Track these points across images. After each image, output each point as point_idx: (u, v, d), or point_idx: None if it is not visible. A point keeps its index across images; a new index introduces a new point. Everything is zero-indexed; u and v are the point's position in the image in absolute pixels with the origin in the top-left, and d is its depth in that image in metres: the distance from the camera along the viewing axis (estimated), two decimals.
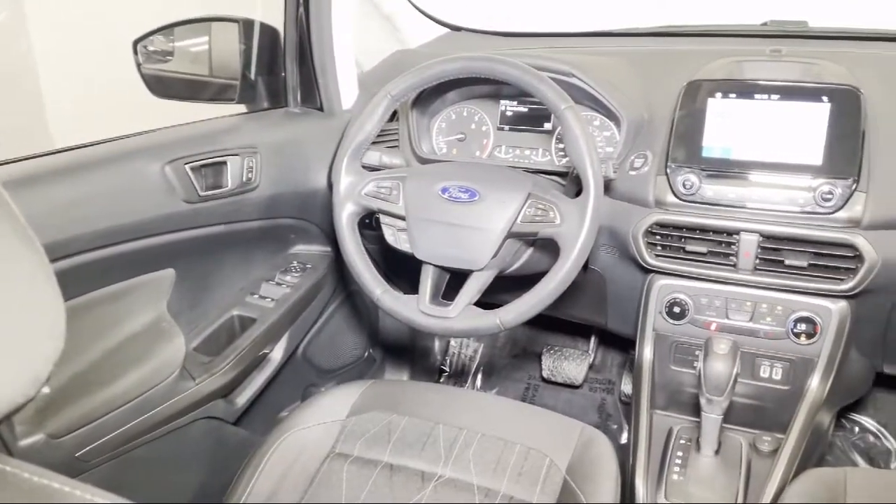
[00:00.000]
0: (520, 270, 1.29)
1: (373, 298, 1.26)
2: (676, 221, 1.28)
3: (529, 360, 2.21)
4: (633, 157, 1.33)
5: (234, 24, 1.53)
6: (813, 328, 1.27)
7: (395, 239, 1.30)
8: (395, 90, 1.25)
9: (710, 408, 1.20)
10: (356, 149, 1.27)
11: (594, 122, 1.45)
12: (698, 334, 1.35)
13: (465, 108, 1.58)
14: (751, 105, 1.24)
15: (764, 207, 1.22)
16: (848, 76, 1.24)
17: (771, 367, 1.33)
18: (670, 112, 1.31)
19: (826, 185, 1.18)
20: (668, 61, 1.49)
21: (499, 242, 1.17)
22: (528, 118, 1.52)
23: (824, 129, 1.19)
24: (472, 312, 1.19)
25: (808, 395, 1.30)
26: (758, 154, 1.23)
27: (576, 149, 1.12)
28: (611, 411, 2.06)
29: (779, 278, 1.25)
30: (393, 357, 2.13)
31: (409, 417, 1.25)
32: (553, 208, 1.14)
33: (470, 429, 1.22)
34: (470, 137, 1.57)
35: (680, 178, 1.26)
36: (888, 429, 1.85)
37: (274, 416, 1.70)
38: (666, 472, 1.26)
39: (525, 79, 1.16)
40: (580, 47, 1.67)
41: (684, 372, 1.39)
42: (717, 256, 1.28)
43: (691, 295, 1.34)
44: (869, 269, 1.18)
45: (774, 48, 1.42)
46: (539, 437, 1.21)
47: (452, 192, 1.20)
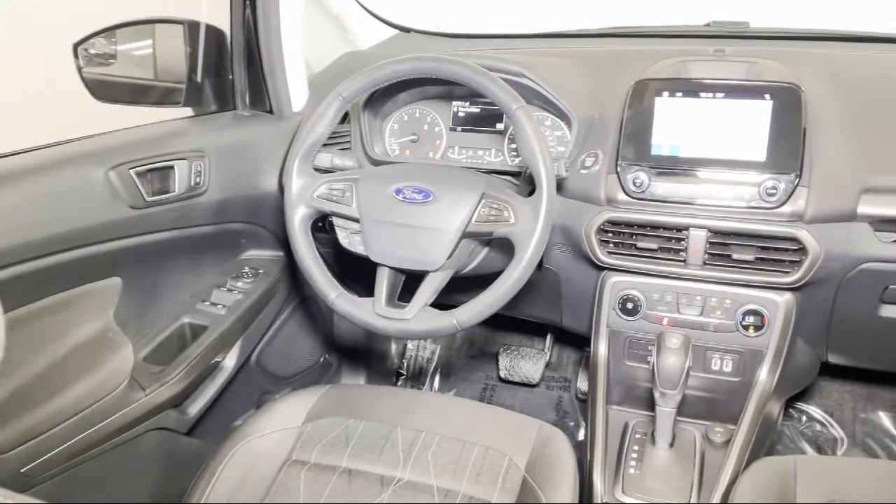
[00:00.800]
0: (475, 270, 1.30)
1: (327, 302, 1.25)
2: (627, 219, 1.30)
3: (486, 360, 2.21)
4: (584, 156, 1.35)
5: (179, 25, 1.50)
6: (761, 320, 1.30)
7: (350, 241, 1.29)
8: (347, 91, 1.24)
9: (663, 401, 1.22)
10: (307, 151, 1.26)
11: (545, 121, 1.46)
12: (651, 329, 1.37)
13: (417, 109, 1.57)
14: (697, 103, 1.27)
15: (711, 203, 1.25)
16: (789, 74, 1.28)
17: (721, 360, 1.36)
18: (619, 111, 1.33)
19: (770, 180, 1.21)
20: (616, 62, 1.51)
21: (454, 243, 1.16)
22: (480, 119, 1.53)
23: (767, 126, 1.23)
24: (428, 314, 1.19)
25: (757, 386, 1.34)
26: (704, 151, 1.26)
27: (528, 148, 1.13)
28: (567, 409, 2.08)
29: (727, 272, 1.28)
30: (349, 361, 2.11)
31: (367, 422, 1.24)
32: (507, 208, 1.15)
33: (428, 431, 1.22)
34: (423, 138, 1.57)
35: (630, 176, 1.28)
36: (834, 417, 1.92)
37: (228, 425, 1.67)
38: (623, 467, 1.28)
39: (476, 79, 1.16)
40: (529, 48, 1.69)
41: (638, 367, 1.41)
42: (668, 252, 1.30)
43: (643, 291, 1.36)
44: (812, 262, 1.21)
45: (718, 48, 1.45)
46: (497, 436, 1.21)
47: (406, 194, 1.20)
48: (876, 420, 1.89)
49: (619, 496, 1.24)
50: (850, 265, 1.24)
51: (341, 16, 1.77)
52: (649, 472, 1.26)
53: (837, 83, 1.32)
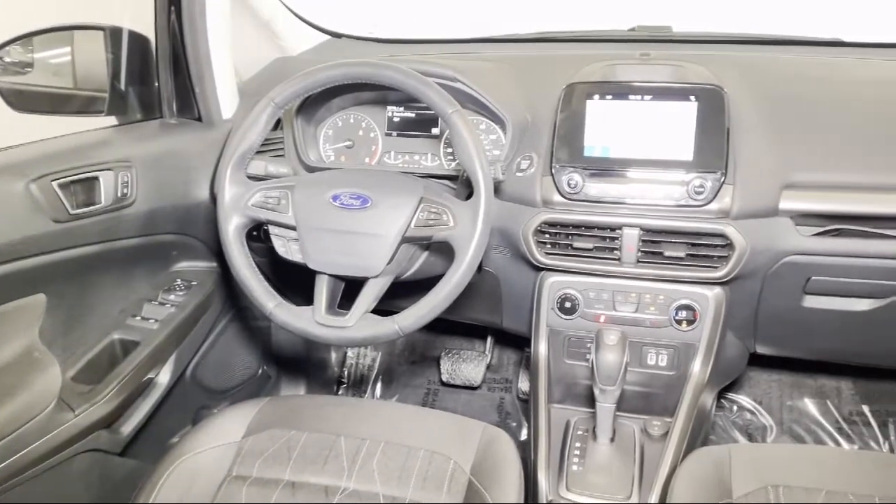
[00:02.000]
0: (416, 275, 1.29)
1: (265, 313, 1.22)
2: (563, 220, 1.32)
3: (428, 364, 2.21)
4: (519, 159, 1.37)
5: (100, 32, 1.45)
6: (693, 315, 1.35)
7: (287, 250, 1.26)
8: (279, 97, 1.22)
9: (603, 397, 1.25)
10: (240, 159, 1.23)
11: (480, 125, 1.47)
12: (589, 327, 1.39)
13: (351, 114, 1.56)
14: (626, 106, 1.30)
15: (643, 203, 1.29)
16: (711, 77, 1.32)
17: (657, 355, 1.40)
18: (552, 114, 1.35)
19: (697, 179, 1.25)
20: (547, 66, 1.54)
21: (393, 248, 1.16)
22: (415, 123, 1.53)
23: (693, 127, 1.27)
24: (369, 320, 1.18)
25: (691, 379, 1.38)
26: (635, 152, 1.29)
27: (465, 152, 1.14)
28: (509, 409, 2.09)
29: (660, 269, 1.32)
30: (288, 372, 2.07)
31: (309, 433, 1.22)
32: (446, 211, 1.15)
33: (372, 439, 1.21)
34: (358, 144, 1.56)
35: (564, 178, 1.30)
36: (763, 405, 2.00)
37: (164, 443, 1.62)
38: (566, 464, 1.29)
39: (411, 84, 1.16)
40: (461, 53, 1.70)
41: (578, 365, 1.43)
42: (603, 251, 1.33)
43: (580, 290, 1.38)
44: (739, 257, 1.26)
45: (644, 52, 1.49)
46: (442, 440, 1.21)
47: (344, 200, 1.19)
48: (802, 407, 1.98)
49: (564, 493, 1.26)
50: (774, 259, 1.30)
51: (271, 21, 1.74)
52: (592, 468, 1.28)
53: (757, 84, 1.37)
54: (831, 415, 1.95)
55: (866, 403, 1.95)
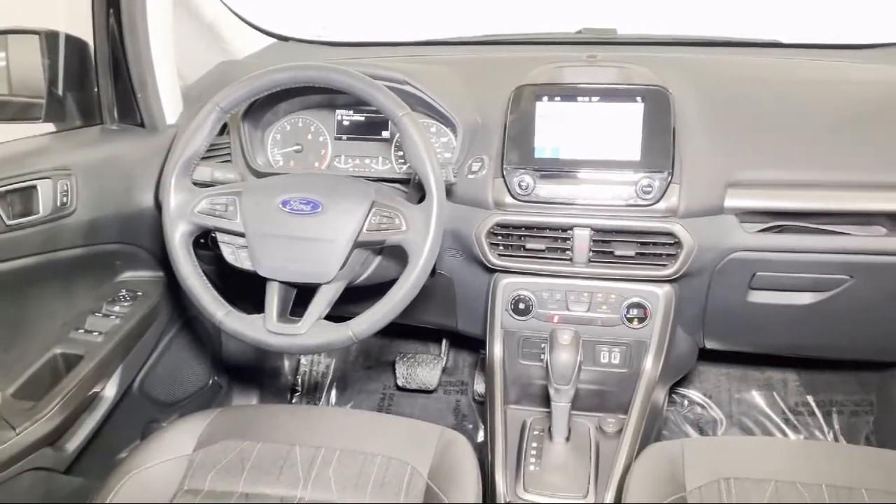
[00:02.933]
0: (369, 280, 1.28)
1: (215, 322, 1.20)
2: (515, 221, 1.33)
3: (383, 369, 2.20)
4: (470, 162, 1.37)
5: (35, 36, 1.40)
6: (643, 313, 1.37)
7: (236, 257, 1.24)
8: (224, 102, 1.20)
9: (558, 397, 1.25)
10: (185, 165, 1.20)
11: (431, 128, 1.47)
12: (543, 328, 1.40)
13: (299, 118, 1.54)
14: (574, 107, 1.32)
15: (593, 203, 1.30)
16: (656, 78, 1.35)
17: (610, 353, 1.42)
18: (502, 116, 1.36)
19: (645, 178, 1.27)
20: (496, 68, 1.54)
21: (346, 253, 1.15)
22: (365, 127, 1.52)
23: (640, 128, 1.29)
24: (323, 327, 1.16)
25: (643, 376, 1.40)
26: (584, 153, 1.31)
27: (416, 155, 1.13)
28: (466, 412, 2.10)
29: (611, 268, 1.33)
30: (240, 382, 2.03)
31: (263, 443, 1.20)
32: (398, 215, 1.14)
33: (328, 447, 1.19)
34: (307, 148, 1.54)
35: (516, 180, 1.31)
36: (713, 399, 2.04)
37: (111, 458, 1.57)
38: (523, 465, 1.30)
39: (360, 87, 1.15)
40: (409, 56, 1.70)
41: (532, 365, 1.44)
42: (555, 252, 1.34)
43: (534, 291, 1.39)
44: (687, 254, 1.29)
45: (590, 54, 1.51)
46: (398, 445, 1.20)
47: (294, 205, 1.17)
48: (750, 399, 2.03)
49: (522, 494, 1.26)
50: (720, 255, 1.33)
51: (215, 24, 1.71)
52: (548, 468, 1.29)
53: (700, 85, 1.40)
54: (778, 406, 2.01)
55: (811, 394, 2.01)
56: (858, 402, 1.96)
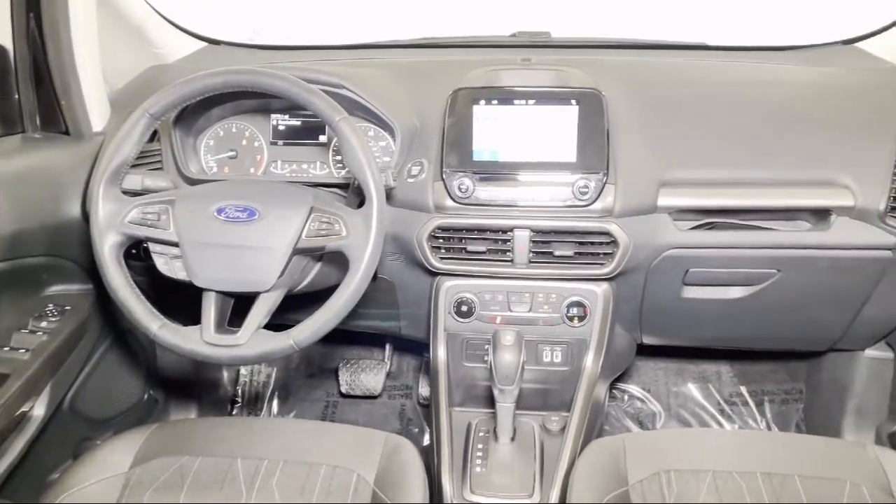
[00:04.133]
0: (310, 287, 1.27)
1: (149, 335, 1.16)
2: (456, 224, 1.33)
3: (326, 377, 2.17)
4: (409, 165, 1.37)
5: None
6: (583, 311, 1.39)
7: (170, 268, 1.20)
8: (154, 108, 1.16)
9: (502, 397, 1.26)
10: (114, 173, 1.17)
11: (369, 132, 1.46)
12: (486, 329, 1.41)
13: (233, 124, 1.51)
14: (511, 110, 1.33)
15: (532, 204, 1.32)
16: (590, 80, 1.37)
17: (552, 352, 1.44)
18: (440, 120, 1.36)
19: (582, 180, 1.29)
20: (431, 71, 1.55)
21: (285, 260, 1.13)
22: (301, 131, 1.49)
23: (575, 130, 1.31)
24: (263, 336, 1.14)
25: (585, 373, 1.42)
26: (522, 155, 1.32)
27: (354, 159, 1.12)
28: (411, 416, 2.09)
29: (551, 268, 1.35)
30: (177, 395, 1.98)
31: (203, 457, 1.17)
32: (338, 220, 1.13)
33: (270, 458, 1.17)
34: (242, 154, 1.51)
35: (455, 183, 1.31)
36: (651, 393, 2.09)
37: (43, 480, 1.50)
38: (469, 466, 1.30)
39: (295, 91, 1.14)
40: (344, 60, 1.68)
41: (476, 367, 1.45)
42: (496, 254, 1.35)
43: (476, 293, 1.40)
44: (623, 253, 1.31)
45: (525, 57, 1.53)
46: (343, 453, 1.19)
47: (229, 213, 1.14)
48: (686, 392, 2.09)
49: (468, 496, 1.26)
50: (655, 253, 1.36)
51: (143, 28, 1.66)
52: (494, 469, 1.30)
53: (632, 87, 1.44)
54: (713, 397, 2.07)
55: (744, 385, 2.08)
56: (788, 390, 2.05)
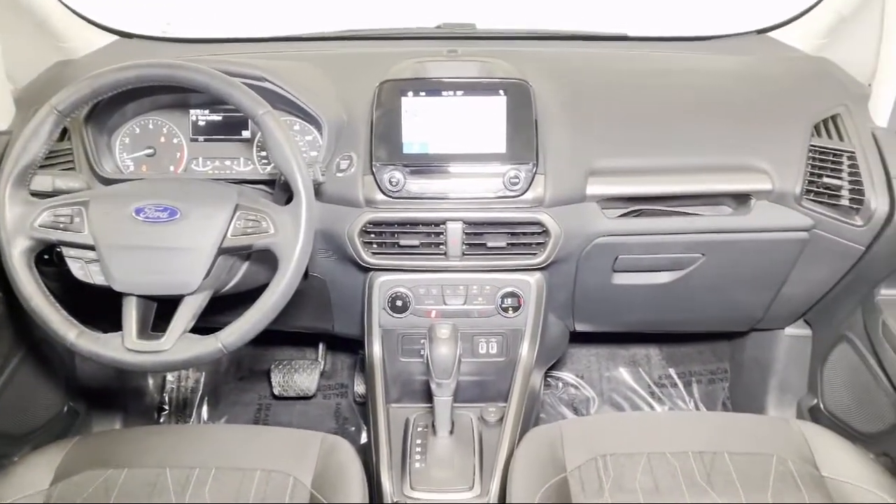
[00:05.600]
0: (238, 287, 1.23)
1: (66, 344, 1.10)
2: (387, 218, 1.32)
3: (258, 379, 2.12)
4: (338, 160, 1.34)
5: None
6: (517, 301, 1.40)
7: (86, 273, 1.14)
8: (62, 104, 1.10)
9: (440, 391, 1.26)
10: (21, 174, 1.10)
11: (294, 126, 1.42)
12: (421, 324, 1.40)
13: (150, 120, 1.45)
14: (439, 102, 1.32)
15: (464, 196, 1.31)
16: (516, 71, 1.38)
17: (487, 343, 1.44)
18: (368, 113, 1.34)
19: (512, 170, 1.29)
20: (357, 64, 1.52)
21: (209, 261, 1.09)
22: (223, 127, 1.44)
23: (504, 121, 1.31)
24: (189, 340, 1.10)
25: (520, 362, 1.44)
26: (452, 147, 1.31)
27: (280, 154, 1.09)
28: (347, 414, 2.06)
29: (484, 260, 1.35)
30: (100, 406, 1.89)
31: (129, 469, 1.12)
32: (265, 218, 1.10)
33: (202, 466, 1.13)
34: (160, 152, 1.45)
35: (386, 176, 1.29)
36: (584, 379, 2.13)
37: None
38: (408, 463, 1.29)
39: (215, 84, 1.10)
40: (267, 52, 1.63)
41: (413, 362, 1.44)
42: (429, 247, 1.34)
43: (410, 287, 1.39)
44: (555, 242, 1.33)
45: (451, 49, 1.52)
46: (278, 457, 1.16)
47: (149, 213, 1.09)
48: (618, 377, 2.14)
49: (408, 492, 1.26)
50: (585, 241, 1.38)
51: (48, 21, 1.56)
52: (434, 464, 1.29)
53: (557, 78, 1.45)
54: (644, 381, 2.13)
55: (672, 367, 2.14)
56: (714, 370, 2.12)
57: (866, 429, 1.54)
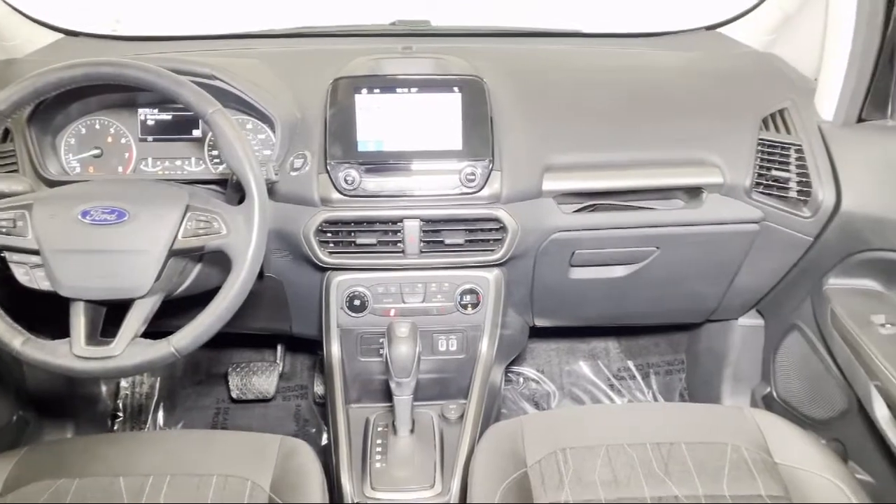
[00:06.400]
0: (190, 290, 1.20)
1: (12, 353, 1.06)
2: (344, 217, 1.30)
3: (215, 382, 2.09)
4: (292, 158, 1.32)
5: None
6: (476, 298, 1.40)
7: (31, 278, 1.11)
8: (3, 104, 1.07)
9: (400, 390, 1.25)
10: None
11: (246, 125, 1.40)
12: (380, 323, 1.39)
13: (96, 120, 1.41)
14: (394, 99, 1.31)
15: (421, 194, 1.31)
16: (471, 68, 1.38)
17: (447, 340, 1.44)
18: (321, 110, 1.33)
19: (469, 167, 1.29)
20: (309, 61, 1.50)
21: (160, 263, 1.06)
22: (173, 126, 1.41)
23: (459, 117, 1.31)
24: (140, 345, 1.07)
25: (480, 359, 1.44)
26: (408, 144, 1.31)
27: (232, 153, 1.07)
28: (307, 416, 2.04)
29: (442, 257, 1.35)
30: (51, 414, 1.84)
31: (81, 479, 1.09)
32: (217, 218, 1.08)
33: (157, 473, 1.11)
34: (108, 152, 1.41)
35: (341, 175, 1.28)
36: (545, 374, 2.15)
37: None
38: (369, 463, 1.28)
39: (163, 83, 1.07)
40: (215, 50, 1.60)
41: (372, 361, 1.43)
42: (387, 245, 1.33)
43: (368, 286, 1.38)
44: (512, 238, 1.33)
45: (405, 46, 1.52)
46: (235, 461, 1.14)
47: (96, 215, 1.06)
48: (578, 370, 2.16)
49: (369, 493, 1.25)
50: (542, 237, 1.39)
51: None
52: (395, 463, 1.29)
53: (512, 74, 1.45)
54: (603, 374, 2.15)
55: (630, 359, 2.17)
56: (671, 361, 2.15)
57: (818, 415, 1.58)
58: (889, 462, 1.32)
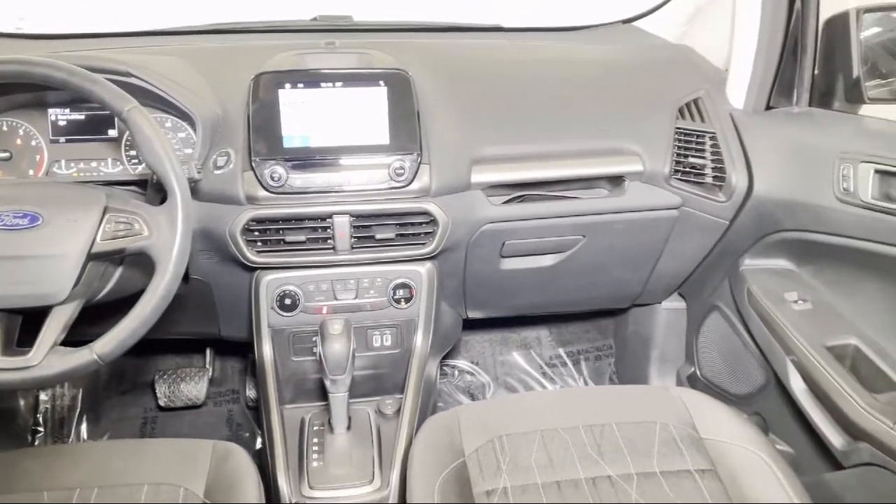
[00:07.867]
0: (112, 294, 1.16)
1: None
2: (271, 215, 1.28)
3: (141, 391, 2.02)
4: (215, 156, 1.29)
5: None
6: (409, 292, 1.40)
7: None
8: None
9: (335, 387, 1.24)
10: None
11: (166, 123, 1.36)
12: (312, 321, 1.38)
13: (3, 121, 1.34)
14: (318, 93, 1.29)
15: (349, 189, 1.30)
16: (396, 62, 1.37)
17: (381, 336, 1.44)
18: (244, 107, 1.30)
19: (397, 161, 1.29)
20: (229, 58, 1.47)
21: (78, 268, 1.02)
22: (87, 126, 1.35)
23: (386, 111, 1.31)
24: (60, 354, 1.02)
25: (415, 353, 1.44)
26: (335, 139, 1.29)
27: (151, 152, 1.03)
28: (240, 420, 2.00)
29: (373, 252, 1.35)
30: None
31: (1, 495, 1.03)
32: (137, 220, 1.04)
33: (83, 486, 1.07)
34: (17, 155, 1.34)
35: (267, 171, 1.26)
36: (479, 365, 2.17)
37: None
38: (305, 463, 1.27)
39: (75, 81, 1.03)
40: (132, 47, 1.55)
41: (306, 360, 1.41)
42: (316, 242, 1.32)
43: (299, 284, 1.36)
44: (443, 231, 1.34)
45: (329, 41, 1.50)
46: (166, 469, 1.11)
47: (7, 220, 1.01)
48: (511, 360, 2.19)
49: (307, 493, 1.23)
50: (472, 229, 1.40)
51: None
52: (332, 461, 1.28)
53: (437, 68, 1.46)
54: (535, 362, 2.19)
55: (561, 347, 2.22)
56: (600, 347, 2.21)
57: (739, 391, 1.66)
58: (806, 432, 1.39)
